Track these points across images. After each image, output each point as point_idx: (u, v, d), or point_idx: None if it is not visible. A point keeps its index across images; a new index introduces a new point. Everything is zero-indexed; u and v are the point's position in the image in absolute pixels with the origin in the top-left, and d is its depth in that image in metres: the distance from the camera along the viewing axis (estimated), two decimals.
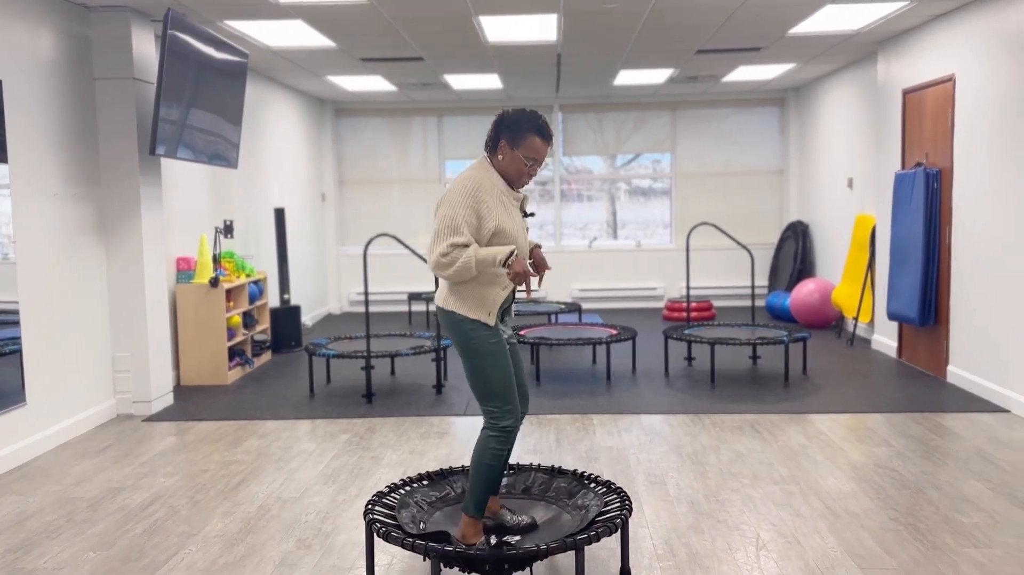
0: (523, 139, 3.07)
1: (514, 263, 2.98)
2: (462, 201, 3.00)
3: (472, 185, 3.02)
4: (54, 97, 5.16)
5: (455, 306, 3.08)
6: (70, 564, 3.42)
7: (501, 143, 3.10)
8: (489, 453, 3.08)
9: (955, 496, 3.98)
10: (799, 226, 10.16)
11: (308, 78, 8.81)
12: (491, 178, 3.08)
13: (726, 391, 6.16)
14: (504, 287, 3.09)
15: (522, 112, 3.11)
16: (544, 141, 3.10)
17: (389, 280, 11.06)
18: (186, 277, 6.67)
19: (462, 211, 2.98)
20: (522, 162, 3.08)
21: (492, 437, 3.08)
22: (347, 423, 5.51)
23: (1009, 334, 5.51)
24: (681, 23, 6.46)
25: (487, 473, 3.08)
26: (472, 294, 3.06)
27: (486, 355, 3.06)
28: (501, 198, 3.07)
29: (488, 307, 3.06)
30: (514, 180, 3.12)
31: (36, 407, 4.94)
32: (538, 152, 3.08)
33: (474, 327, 3.06)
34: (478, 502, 3.09)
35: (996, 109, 5.62)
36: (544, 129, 3.11)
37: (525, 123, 3.08)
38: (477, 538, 3.08)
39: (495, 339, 3.08)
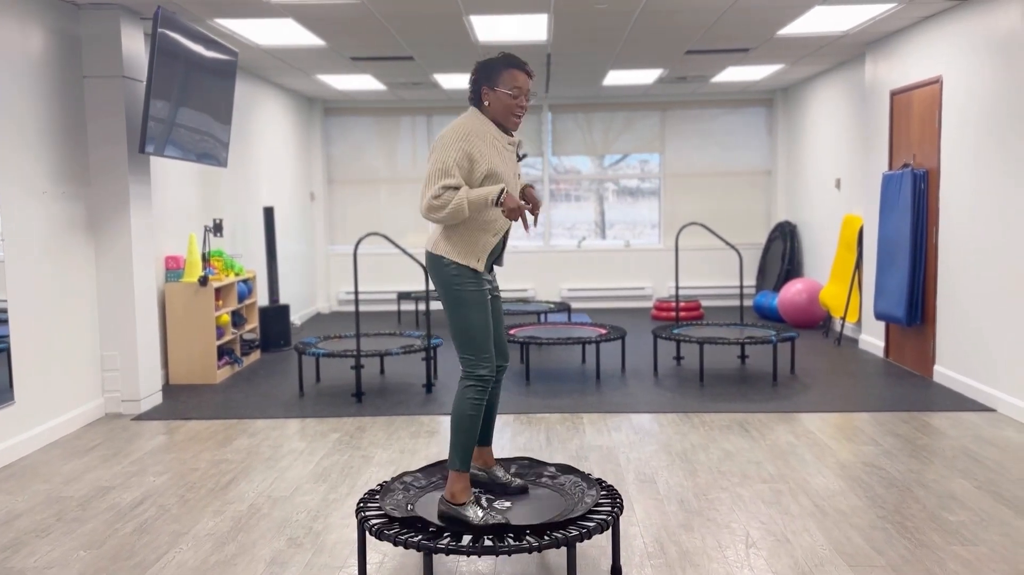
0: (500, 76, 3.13)
1: (506, 199, 3.05)
2: (454, 144, 3.05)
3: (464, 130, 3.08)
4: (43, 95, 5.14)
5: (444, 250, 3.13)
6: (60, 563, 3.41)
7: (483, 90, 3.16)
8: (468, 403, 3.12)
9: (942, 494, 4.02)
10: (787, 226, 10.21)
11: (298, 77, 8.79)
12: (483, 124, 3.14)
13: (715, 390, 6.19)
14: (494, 234, 3.15)
15: (492, 57, 3.19)
16: (521, 71, 3.14)
17: (378, 279, 11.05)
18: (175, 276, 6.65)
19: (454, 154, 3.04)
20: (508, 96, 3.13)
21: (469, 386, 3.14)
22: (337, 422, 5.51)
23: (995, 334, 5.56)
24: (671, 24, 6.48)
25: (468, 424, 3.12)
26: (462, 239, 3.12)
27: (468, 304, 3.11)
28: (494, 143, 3.13)
29: (477, 253, 3.12)
30: (506, 118, 3.16)
31: (25, 406, 4.92)
32: (519, 82, 3.13)
33: (460, 273, 3.11)
34: (463, 455, 3.12)
35: (983, 111, 5.67)
36: (517, 61, 3.16)
37: (499, 62, 3.15)
38: (465, 495, 3.09)
39: (478, 288, 3.13)
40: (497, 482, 3.36)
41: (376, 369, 7.18)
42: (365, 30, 6.50)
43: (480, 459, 3.42)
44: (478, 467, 3.40)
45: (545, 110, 10.99)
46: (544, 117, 11.00)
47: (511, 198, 3.06)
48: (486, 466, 3.40)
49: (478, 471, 3.40)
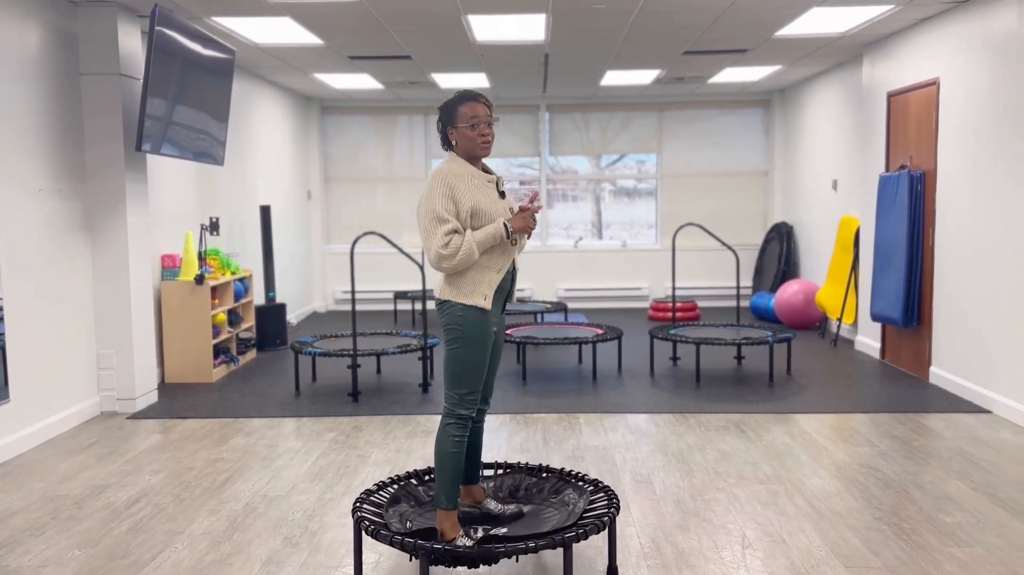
0: (457, 113, 3.18)
1: (513, 222, 3.13)
2: (436, 192, 3.09)
3: (440, 176, 3.12)
4: (39, 92, 5.13)
5: (450, 295, 3.14)
6: (55, 562, 3.40)
7: (448, 131, 3.22)
8: (449, 441, 3.13)
9: (938, 496, 4.03)
10: (784, 227, 10.22)
11: (295, 75, 8.78)
12: (458, 166, 3.17)
13: (711, 391, 6.20)
14: (498, 271, 3.16)
15: (449, 99, 3.24)
16: (474, 102, 3.18)
17: (375, 279, 11.04)
18: (171, 274, 6.64)
19: (439, 200, 3.07)
20: (467, 129, 3.16)
21: (450, 424, 3.15)
22: (333, 421, 5.50)
23: (991, 336, 5.57)
24: (669, 24, 6.48)
25: (451, 461, 3.12)
26: (467, 280, 3.13)
27: (466, 343, 3.12)
28: (472, 180, 3.15)
29: (484, 290, 3.13)
30: (473, 149, 3.18)
31: (20, 404, 4.91)
32: (474, 112, 3.16)
33: (464, 314, 3.12)
34: (448, 493, 3.11)
35: (980, 112, 5.68)
36: (470, 94, 3.20)
37: (453, 102, 3.21)
38: (454, 531, 3.08)
39: (481, 330, 3.12)
40: (491, 514, 3.33)
41: (372, 368, 7.17)
42: (363, 29, 6.49)
43: (469, 497, 3.39)
44: (468, 504, 3.38)
45: (543, 110, 10.99)
46: (541, 117, 11.00)
47: (515, 219, 3.14)
48: (476, 502, 3.38)
49: (469, 508, 3.37)
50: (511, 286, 3.28)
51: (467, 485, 3.40)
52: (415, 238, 11.07)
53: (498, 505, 3.35)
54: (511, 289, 3.28)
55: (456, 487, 3.12)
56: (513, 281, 3.28)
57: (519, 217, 3.15)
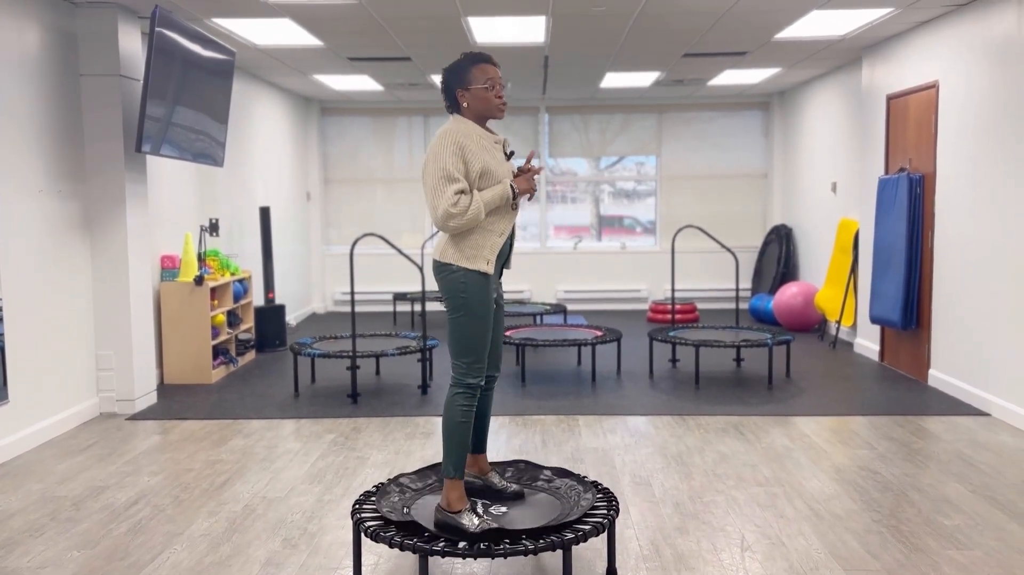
0: (470, 74, 3.16)
1: (517, 184, 3.16)
2: (446, 149, 3.07)
3: (450, 135, 3.10)
4: (39, 93, 5.13)
5: (452, 257, 3.12)
6: (54, 563, 3.40)
7: (457, 93, 3.19)
8: (457, 410, 3.12)
9: (937, 498, 4.03)
10: (783, 229, 10.23)
11: (295, 77, 8.78)
12: (467, 127, 3.15)
13: (710, 393, 6.20)
14: (500, 234, 3.15)
15: (456, 60, 3.22)
16: (488, 64, 3.17)
17: (374, 280, 11.04)
18: (171, 275, 6.64)
19: (450, 159, 3.06)
20: (483, 90, 3.15)
21: (459, 394, 3.14)
22: (332, 423, 5.50)
23: (990, 338, 5.57)
24: (668, 27, 6.49)
25: (459, 430, 3.12)
26: (469, 244, 3.11)
27: (470, 311, 3.11)
28: (481, 142, 3.14)
29: (486, 255, 3.12)
30: (489, 110, 3.18)
31: (19, 405, 4.91)
32: (490, 74, 3.16)
33: (467, 280, 3.10)
34: (456, 462, 3.11)
35: (979, 115, 5.68)
36: (482, 55, 3.19)
37: (464, 62, 3.18)
38: (461, 503, 3.08)
39: (484, 297, 3.12)
40: (493, 488, 3.36)
41: (372, 370, 7.17)
42: (363, 31, 6.49)
43: (475, 466, 3.41)
44: (473, 474, 3.40)
45: (542, 112, 11.00)
46: (541, 119, 11.01)
47: (519, 181, 3.17)
48: (481, 473, 3.41)
49: (474, 478, 3.39)
50: (509, 250, 3.28)
51: (473, 454, 3.41)
52: (414, 240, 11.07)
53: (501, 481, 3.38)
54: (509, 253, 3.29)
55: (463, 457, 3.12)
56: (511, 245, 3.29)
57: (522, 179, 3.17)
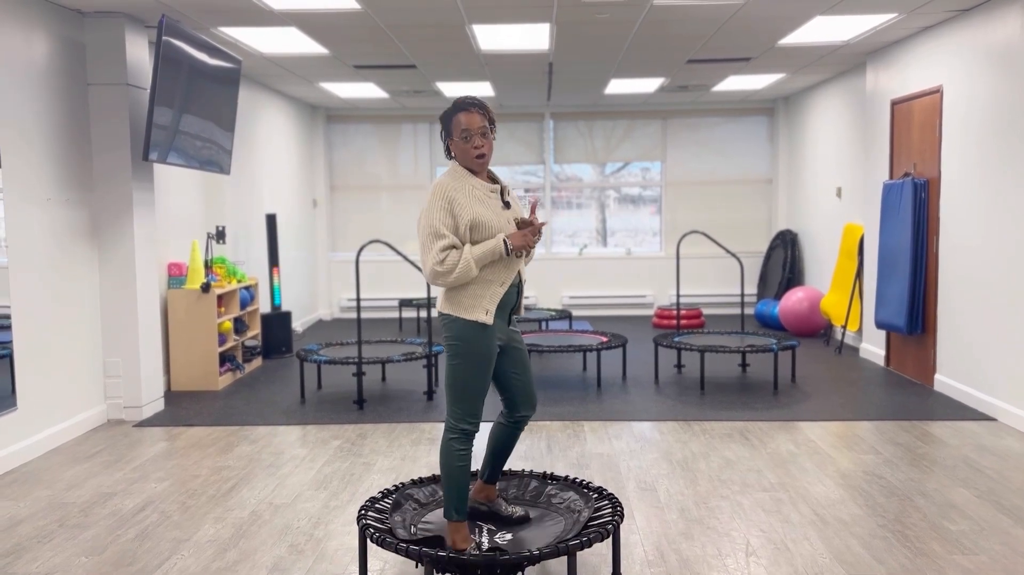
0: (451, 124, 3.15)
1: (512, 240, 3.07)
2: (434, 206, 3.06)
3: (439, 190, 3.09)
4: (48, 102, 5.17)
5: (451, 309, 3.10)
6: (62, 569, 3.42)
7: (449, 143, 3.19)
8: (455, 455, 3.11)
9: (942, 503, 4.03)
10: (788, 235, 10.23)
11: (301, 85, 8.82)
12: (459, 178, 3.13)
13: (716, 398, 6.20)
14: (500, 284, 3.11)
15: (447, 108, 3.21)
16: (466, 112, 3.13)
17: (380, 287, 11.07)
18: (177, 282, 6.67)
19: (437, 214, 3.05)
20: (461, 142, 3.13)
21: (453, 439, 3.12)
22: (338, 429, 5.52)
23: (995, 343, 5.57)
24: (672, 33, 6.51)
25: (457, 475, 3.11)
26: (468, 294, 3.09)
27: (466, 360, 3.08)
28: (473, 192, 3.11)
29: (485, 305, 3.08)
30: (469, 162, 3.15)
31: (27, 412, 4.93)
32: (467, 124, 3.11)
33: (468, 329, 3.08)
34: (457, 505, 3.11)
35: (983, 120, 5.69)
36: (463, 103, 3.15)
37: (448, 112, 3.18)
38: (466, 543, 3.09)
39: (484, 347, 3.09)
40: (499, 515, 3.35)
41: (377, 376, 7.19)
42: (368, 39, 6.53)
43: (483, 493, 3.39)
44: (479, 501, 3.39)
45: (547, 118, 11.02)
46: (546, 125, 11.03)
47: (515, 236, 3.08)
48: (488, 500, 3.39)
49: (480, 504, 3.38)
50: (517, 299, 3.22)
51: (485, 483, 3.40)
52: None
53: (507, 507, 3.36)
54: (517, 302, 3.23)
55: (464, 499, 3.12)
56: (519, 294, 3.22)
57: (519, 234, 3.08)
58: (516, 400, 3.30)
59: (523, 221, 3.12)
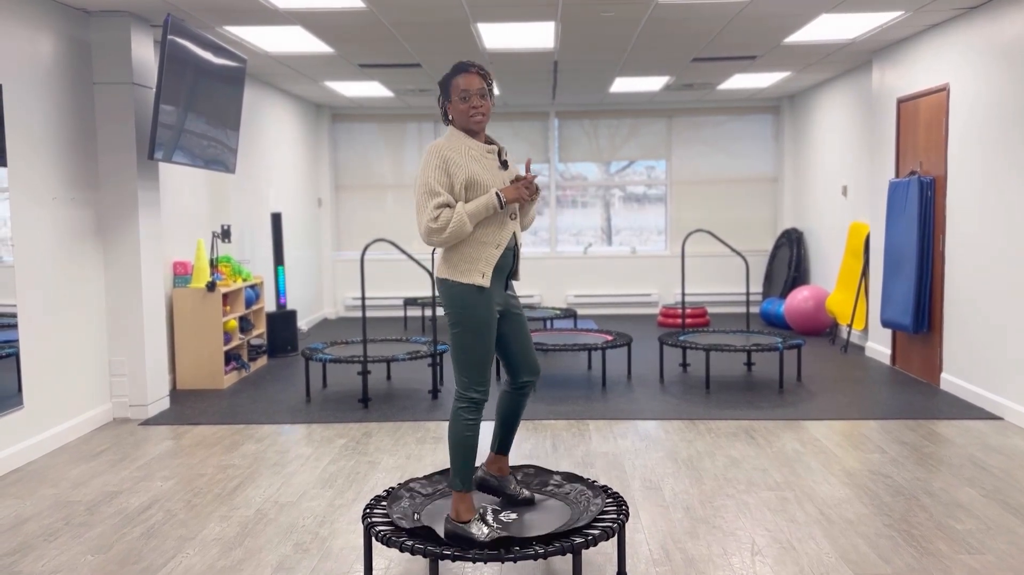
0: (450, 86, 3.18)
1: (505, 193, 3.10)
2: (430, 165, 3.09)
3: (435, 150, 3.11)
4: (53, 101, 5.18)
5: (448, 272, 3.12)
6: (67, 567, 3.42)
7: (446, 107, 3.21)
8: (463, 424, 3.12)
9: (948, 502, 4.01)
10: (793, 233, 10.21)
11: (306, 83, 8.83)
12: (454, 139, 3.16)
13: (721, 397, 6.19)
14: (496, 246, 3.13)
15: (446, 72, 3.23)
16: (465, 74, 3.15)
17: (385, 285, 11.07)
18: (183, 281, 6.68)
19: (432, 173, 3.07)
20: (459, 103, 3.15)
21: (462, 408, 3.13)
22: (343, 428, 5.52)
23: (1002, 342, 5.55)
24: (677, 31, 6.50)
25: (465, 444, 3.12)
26: (463, 258, 3.11)
27: (467, 326, 3.10)
28: (469, 152, 3.13)
29: (481, 268, 3.10)
30: (467, 122, 3.17)
31: (33, 410, 4.95)
32: (465, 85, 3.14)
33: (463, 293, 3.10)
34: (463, 476, 3.12)
35: (990, 118, 5.67)
36: (462, 65, 3.18)
37: (447, 75, 3.20)
38: (470, 513, 3.09)
39: (481, 310, 3.10)
40: (506, 492, 3.36)
41: (382, 375, 7.19)
42: (373, 38, 6.53)
43: (495, 465, 3.41)
44: (492, 473, 3.40)
45: (552, 116, 11.02)
46: (551, 123, 11.03)
47: (509, 190, 3.11)
48: (500, 473, 3.40)
49: (491, 477, 3.40)
50: (514, 262, 3.23)
51: (496, 454, 3.41)
52: (424, 245, 11.09)
53: (515, 486, 3.38)
54: (514, 266, 3.24)
55: (470, 470, 3.13)
56: (516, 257, 3.24)
57: (512, 187, 3.11)
58: (518, 367, 3.31)
59: (517, 177, 3.17)
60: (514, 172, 3.26)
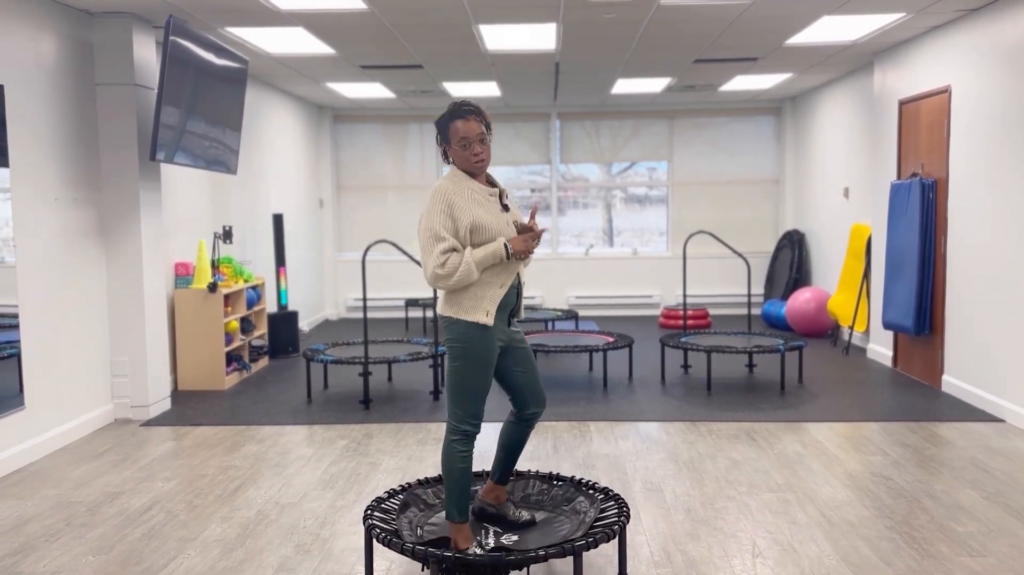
0: (448, 133, 3.17)
1: (513, 244, 3.09)
2: (434, 209, 3.08)
3: (439, 193, 3.10)
4: (56, 102, 5.18)
5: (452, 311, 3.12)
6: (69, 568, 3.43)
7: (446, 149, 3.20)
8: (457, 457, 3.12)
9: (950, 505, 4.01)
10: (795, 235, 10.20)
11: (307, 85, 8.83)
12: (458, 181, 3.14)
13: (722, 399, 6.19)
14: (500, 286, 3.13)
15: (442, 113, 3.21)
16: (463, 119, 3.14)
17: (386, 286, 11.08)
18: (184, 282, 6.68)
19: (437, 218, 3.06)
20: (460, 149, 3.14)
21: (455, 441, 3.12)
22: (344, 429, 5.52)
23: (1003, 344, 5.55)
24: (679, 33, 6.50)
25: (459, 476, 3.11)
26: (468, 295, 3.10)
27: (467, 362, 3.10)
28: (472, 195, 3.12)
29: (485, 306, 3.10)
30: (469, 167, 3.16)
31: (34, 411, 4.95)
32: (464, 132, 3.13)
33: (466, 331, 3.09)
34: (459, 506, 3.11)
35: (991, 120, 5.67)
36: (458, 111, 3.16)
37: (444, 119, 3.18)
38: (468, 543, 3.09)
39: (485, 348, 3.10)
40: (506, 518, 3.34)
41: (384, 376, 7.19)
42: (375, 39, 6.53)
43: (492, 494, 3.39)
44: (489, 502, 3.38)
45: (554, 118, 11.02)
46: (552, 125, 11.03)
47: (516, 241, 3.10)
48: (497, 502, 3.38)
49: (488, 506, 3.38)
50: (517, 300, 3.23)
51: (495, 484, 3.40)
52: None
53: (514, 511, 3.36)
54: (517, 303, 3.24)
55: (466, 500, 3.12)
56: (519, 295, 3.24)
57: (520, 239, 3.11)
58: (525, 398, 3.30)
59: (523, 227, 3.15)
60: (515, 214, 3.24)
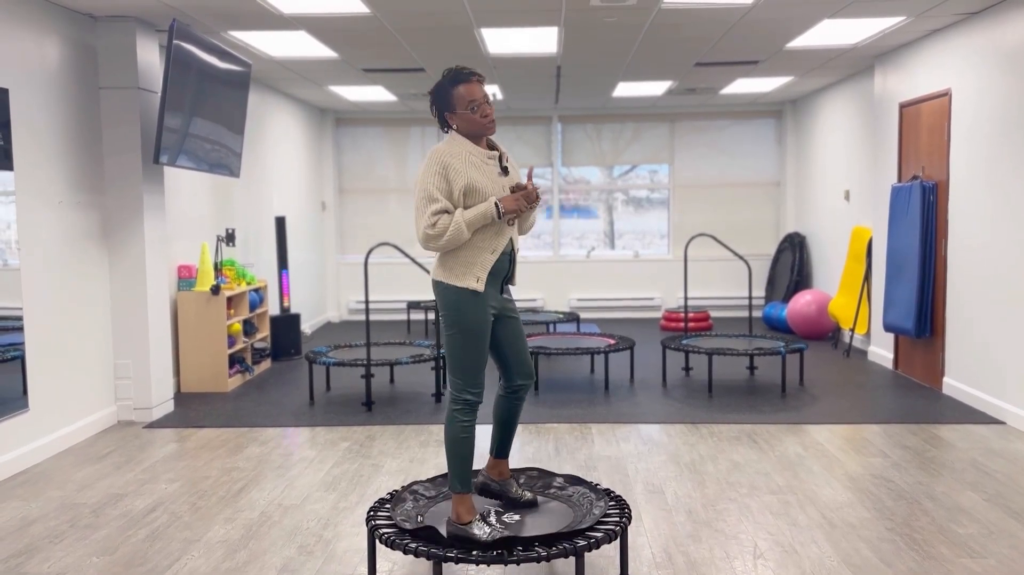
0: (452, 99, 3.15)
1: (504, 203, 3.09)
2: (429, 171, 3.09)
3: (435, 156, 3.11)
4: (59, 106, 5.21)
5: (443, 275, 3.14)
6: (73, 569, 3.44)
7: (446, 115, 3.19)
8: (458, 426, 3.14)
9: (951, 507, 4.02)
10: (796, 237, 10.22)
11: (310, 88, 8.86)
12: (455, 145, 3.15)
13: (724, 401, 6.20)
14: (492, 251, 3.14)
15: (440, 81, 3.19)
16: (467, 83, 3.14)
17: (388, 289, 11.10)
18: (187, 285, 6.70)
19: (432, 179, 3.07)
20: (468, 113, 3.14)
21: (456, 410, 3.14)
22: (347, 431, 5.54)
23: (1004, 346, 5.56)
24: (680, 36, 6.52)
25: (461, 446, 3.13)
26: (459, 261, 3.12)
27: (462, 329, 3.12)
28: (470, 159, 3.13)
29: (476, 272, 3.11)
30: (479, 131, 3.16)
31: (38, 413, 4.97)
32: (472, 95, 3.13)
33: (458, 297, 3.11)
34: (461, 478, 3.13)
35: (992, 123, 5.68)
36: (462, 75, 3.16)
37: (445, 86, 3.17)
38: (471, 515, 3.11)
39: (476, 313, 3.11)
40: (509, 495, 3.37)
41: (386, 378, 7.21)
42: (377, 42, 6.56)
43: (496, 470, 3.42)
44: (492, 478, 3.41)
45: (555, 121, 11.04)
46: (554, 128, 11.05)
47: (507, 200, 3.10)
48: (501, 477, 3.41)
49: (492, 482, 3.41)
50: (510, 267, 3.23)
51: (496, 458, 3.42)
52: None
53: (518, 489, 3.39)
54: (510, 270, 3.24)
55: (468, 471, 3.14)
56: (512, 262, 3.23)
57: (511, 198, 3.10)
58: (511, 370, 3.32)
59: (517, 186, 3.15)
60: (515, 178, 3.25)
